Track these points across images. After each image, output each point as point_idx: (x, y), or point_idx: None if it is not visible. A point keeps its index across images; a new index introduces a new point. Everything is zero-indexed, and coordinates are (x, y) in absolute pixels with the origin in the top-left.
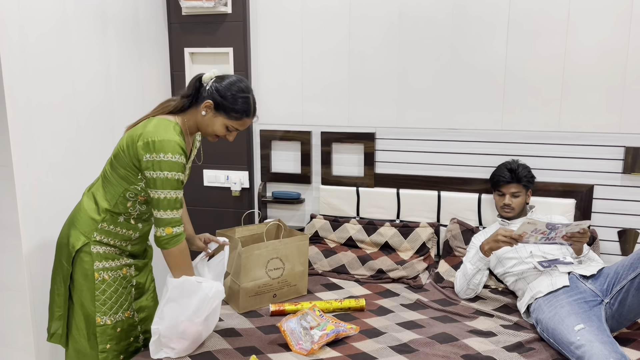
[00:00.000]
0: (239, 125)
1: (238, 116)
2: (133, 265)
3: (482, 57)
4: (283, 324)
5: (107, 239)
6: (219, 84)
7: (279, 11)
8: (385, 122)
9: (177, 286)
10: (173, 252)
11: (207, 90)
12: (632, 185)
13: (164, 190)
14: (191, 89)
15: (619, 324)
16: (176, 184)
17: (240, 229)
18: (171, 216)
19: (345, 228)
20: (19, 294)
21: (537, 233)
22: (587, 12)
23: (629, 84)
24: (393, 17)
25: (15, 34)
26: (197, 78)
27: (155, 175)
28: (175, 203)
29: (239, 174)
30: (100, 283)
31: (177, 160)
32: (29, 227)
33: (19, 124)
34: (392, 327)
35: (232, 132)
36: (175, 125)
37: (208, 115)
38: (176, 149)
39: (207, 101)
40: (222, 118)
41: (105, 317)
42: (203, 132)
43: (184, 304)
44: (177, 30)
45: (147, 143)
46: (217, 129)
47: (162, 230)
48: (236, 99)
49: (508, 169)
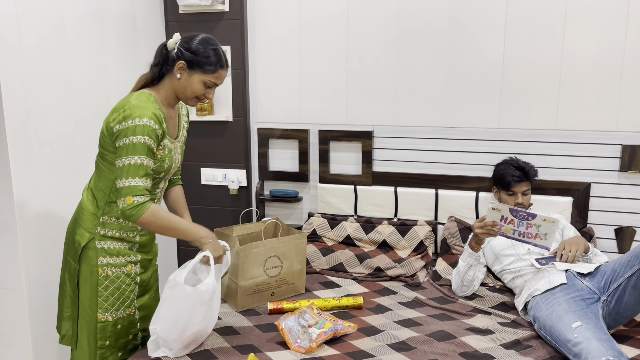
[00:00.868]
0: (215, 78)
1: (213, 68)
2: (138, 262)
3: (480, 55)
4: (281, 323)
5: (111, 232)
6: (188, 44)
7: (276, 9)
8: (383, 120)
9: (170, 287)
10: (143, 221)
11: (176, 53)
12: (629, 183)
13: (128, 157)
14: (158, 57)
15: (616, 322)
16: (141, 149)
17: (238, 228)
18: (133, 184)
19: (343, 226)
20: (16, 293)
21: (506, 223)
22: (584, 11)
23: (626, 82)
24: (391, 15)
25: (13, 32)
26: (162, 45)
27: (122, 143)
28: (138, 169)
29: (236, 172)
30: (103, 279)
31: (145, 123)
32: (26, 226)
33: (16, 123)
34: (390, 325)
35: (211, 88)
36: (149, 96)
37: (183, 77)
38: (146, 113)
39: (179, 62)
40: (197, 75)
41: (107, 314)
42: (182, 97)
43: (178, 307)
44: (175, 28)
45: (119, 114)
46: (195, 88)
47: (122, 201)
48: (207, 51)
49: (516, 167)
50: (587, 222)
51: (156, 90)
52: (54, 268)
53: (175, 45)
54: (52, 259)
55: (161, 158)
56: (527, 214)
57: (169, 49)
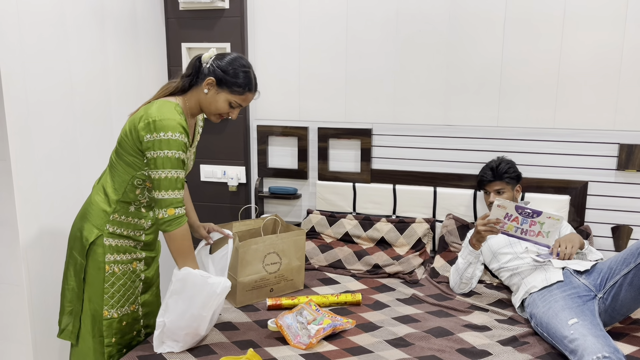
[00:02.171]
0: (241, 100)
1: (241, 90)
2: (143, 260)
3: (479, 54)
4: (279, 320)
5: (119, 230)
6: (220, 61)
7: (276, 7)
8: (382, 118)
9: (180, 279)
10: (176, 235)
11: (208, 69)
12: (626, 182)
13: (165, 170)
14: (191, 69)
15: (612, 319)
16: (177, 163)
17: (237, 224)
18: (173, 196)
19: (341, 223)
20: (16, 287)
21: (510, 220)
22: (583, 10)
23: (624, 82)
24: (390, 13)
25: (14, 29)
26: (197, 58)
27: (156, 155)
28: (176, 183)
29: (236, 169)
30: (110, 276)
31: (177, 138)
32: (27, 221)
33: (17, 119)
34: (388, 321)
35: (235, 108)
36: (176, 106)
37: (211, 93)
38: (177, 127)
39: (209, 78)
40: (224, 94)
41: (113, 310)
42: (206, 112)
43: (189, 298)
44: (175, 25)
45: (148, 123)
46: (220, 106)
47: (164, 212)
48: (237, 73)
49: (490, 167)
50: (584, 221)
51: (182, 100)
52: (54, 263)
53: (209, 60)
54: (52, 254)
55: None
56: (533, 211)
57: (202, 62)
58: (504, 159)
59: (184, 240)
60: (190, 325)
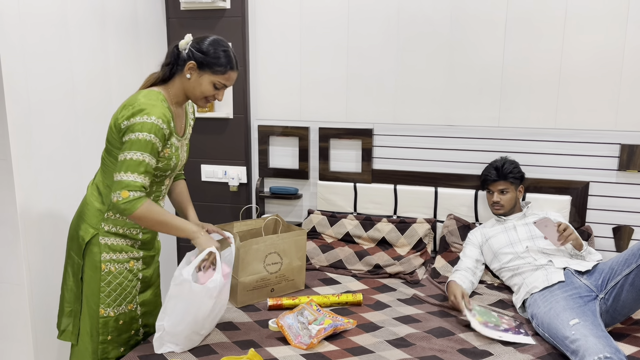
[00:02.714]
0: (225, 80)
1: (223, 69)
2: (141, 259)
3: (480, 55)
4: (280, 320)
5: (115, 228)
6: (198, 45)
7: (277, 7)
8: (383, 118)
9: (177, 284)
10: (137, 216)
11: (187, 54)
12: (627, 183)
13: (130, 151)
14: (170, 57)
15: (614, 319)
16: (145, 145)
17: (238, 224)
18: (131, 179)
19: (342, 223)
20: (17, 287)
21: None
22: (584, 11)
23: (625, 82)
24: (391, 14)
25: (15, 29)
26: (174, 46)
27: (127, 138)
28: (138, 165)
29: (236, 169)
30: (106, 275)
31: (152, 122)
32: (28, 220)
33: (18, 118)
34: (389, 321)
35: (220, 89)
36: (158, 94)
37: (193, 77)
38: (153, 111)
39: (190, 62)
40: (207, 76)
41: (109, 309)
42: (192, 97)
43: (187, 302)
44: (176, 25)
45: (127, 111)
46: (204, 89)
47: (117, 195)
48: (217, 53)
49: (494, 167)
50: (585, 221)
51: (166, 88)
52: (55, 262)
53: (186, 46)
54: (53, 253)
55: (168, 156)
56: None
57: (180, 49)
58: (508, 159)
59: (151, 215)
60: (189, 328)
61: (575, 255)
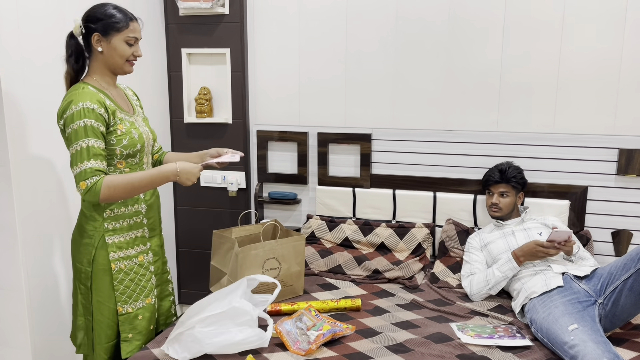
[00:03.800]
0: (132, 32)
1: (125, 23)
2: (150, 251)
3: (478, 59)
4: (278, 326)
5: (119, 224)
6: (89, 17)
7: (276, 12)
8: (381, 123)
9: (225, 310)
10: (104, 196)
11: (85, 31)
12: (625, 187)
13: (72, 145)
14: (70, 48)
15: (613, 324)
16: (83, 131)
17: (236, 229)
18: (83, 168)
19: (341, 228)
20: (15, 293)
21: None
22: (582, 16)
23: (623, 86)
24: (390, 19)
25: (13, 36)
26: (69, 36)
27: (68, 133)
28: (82, 154)
29: (235, 174)
30: (117, 273)
31: (81, 108)
32: (26, 227)
33: (17, 125)
34: (388, 327)
35: (133, 45)
36: (79, 84)
37: (104, 47)
38: (79, 99)
39: (94, 35)
40: (116, 37)
41: (126, 306)
42: (116, 67)
43: (229, 334)
44: (175, 30)
45: (59, 112)
46: (121, 51)
47: (79, 189)
48: (110, 12)
49: (499, 169)
50: (584, 225)
51: (87, 78)
52: (54, 269)
53: (79, 28)
54: (51, 259)
55: (127, 130)
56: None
57: (76, 34)
58: (513, 164)
59: (117, 186)
60: (214, 350)
61: (566, 259)
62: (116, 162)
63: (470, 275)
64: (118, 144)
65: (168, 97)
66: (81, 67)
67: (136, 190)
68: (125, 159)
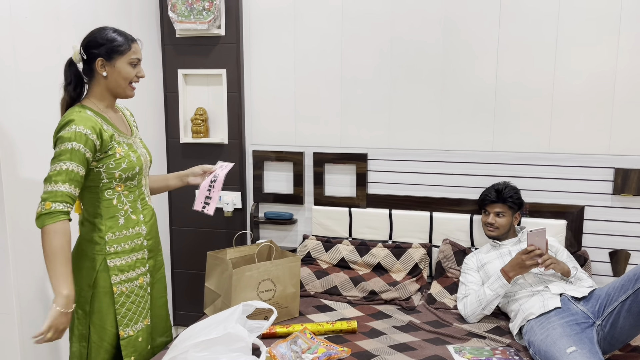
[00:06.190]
0: (134, 53)
1: (127, 45)
2: (148, 272)
3: (473, 80)
4: (273, 349)
5: (121, 247)
6: (90, 43)
7: (272, 34)
8: (377, 143)
9: (219, 336)
10: (46, 230)
11: (88, 58)
12: (622, 207)
13: (53, 165)
14: (68, 76)
15: (612, 346)
16: (68, 154)
17: (231, 250)
18: (55, 189)
19: (337, 249)
20: (7, 316)
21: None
22: (575, 37)
23: (618, 106)
24: (385, 39)
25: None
26: (68, 63)
27: (56, 150)
28: (59, 175)
29: (231, 194)
30: (119, 296)
31: (74, 130)
32: (18, 249)
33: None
34: (384, 349)
35: (136, 66)
36: (76, 108)
37: (109, 71)
38: (82, 122)
39: (98, 60)
40: (119, 61)
41: (128, 329)
42: (119, 90)
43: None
44: (171, 51)
45: (59, 126)
46: (125, 73)
47: (41, 206)
48: (109, 37)
49: (495, 189)
50: (581, 245)
51: (85, 101)
52: (46, 292)
53: (79, 55)
54: (44, 283)
55: (125, 154)
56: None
57: (76, 61)
58: (509, 184)
59: (57, 238)
60: None
61: (564, 279)
62: (115, 185)
63: (464, 297)
64: (117, 168)
65: (164, 117)
66: (79, 94)
67: (49, 257)
68: (124, 182)
